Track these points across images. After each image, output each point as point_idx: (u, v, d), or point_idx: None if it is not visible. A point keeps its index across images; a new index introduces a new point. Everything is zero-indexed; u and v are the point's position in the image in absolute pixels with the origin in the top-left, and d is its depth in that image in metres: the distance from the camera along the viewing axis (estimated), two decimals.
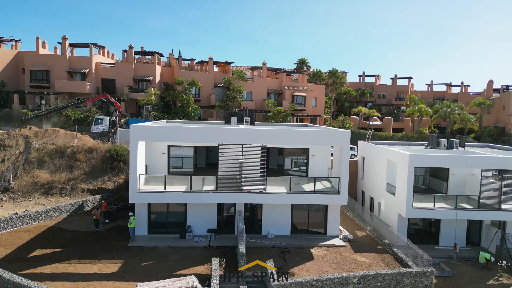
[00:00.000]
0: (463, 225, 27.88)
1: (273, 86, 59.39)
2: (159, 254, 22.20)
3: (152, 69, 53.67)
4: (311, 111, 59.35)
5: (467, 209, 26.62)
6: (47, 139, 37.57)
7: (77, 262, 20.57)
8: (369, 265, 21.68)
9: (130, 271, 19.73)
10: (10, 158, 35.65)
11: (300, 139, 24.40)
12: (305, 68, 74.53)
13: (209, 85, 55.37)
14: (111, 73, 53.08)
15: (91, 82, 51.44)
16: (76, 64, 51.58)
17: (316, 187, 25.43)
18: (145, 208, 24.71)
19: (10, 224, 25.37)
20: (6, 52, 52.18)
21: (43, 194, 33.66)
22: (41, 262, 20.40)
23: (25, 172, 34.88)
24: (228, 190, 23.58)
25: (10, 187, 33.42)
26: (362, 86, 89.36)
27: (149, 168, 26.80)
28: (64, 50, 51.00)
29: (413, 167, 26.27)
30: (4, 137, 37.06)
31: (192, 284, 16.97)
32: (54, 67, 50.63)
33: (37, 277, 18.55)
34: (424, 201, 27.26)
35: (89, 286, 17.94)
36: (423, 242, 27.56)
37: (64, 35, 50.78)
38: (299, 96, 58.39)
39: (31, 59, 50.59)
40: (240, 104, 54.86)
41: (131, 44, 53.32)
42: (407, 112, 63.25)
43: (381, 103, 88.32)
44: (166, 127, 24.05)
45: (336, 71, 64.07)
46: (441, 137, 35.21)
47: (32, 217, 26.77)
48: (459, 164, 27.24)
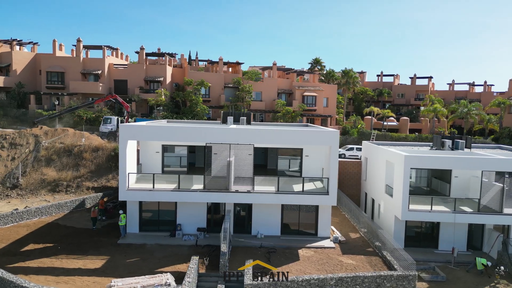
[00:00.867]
0: (464, 229, 26.88)
1: (283, 86, 59.14)
2: (145, 252, 22.55)
3: (163, 70, 54.54)
4: (322, 111, 58.69)
5: (467, 212, 25.65)
6: (55, 138, 38.86)
7: (64, 257, 21.19)
8: (354, 267, 21.25)
9: (113, 267, 20.14)
10: (20, 156, 37.11)
11: (288, 139, 24.20)
12: (319, 68, 73.78)
13: (219, 85, 55.72)
14: (123, 74, 54.30)
15: (104, 83, 52.82)
16: (90, 66, 53.10)
17: (309, 188, 25.21)
18: (136, 206, 25.15)
19: (10, 219, 26.41)
20: (24, 55, 54.34)
21: (50, 191, 34.86)
22: (30, 256, 21.13)
23: (33, 169, 36.21)
24: (216, 190, 23.68)
25: (18, 184, 34.78)
26: (380, 86, 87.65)
27: (144, 166, 27.27)
28: (78, 52, 52.61)
29: (409, 168, 25.61)
30: (15, 136, 38.62)
31: (166, 281, 17.14)
32: (68, 68, 52.32)
33: (23, 271, 19.26)
34: (422, 203, 26.50)
35: (69, 281, 18.43)
36: (422, 246, 26.89)
37: (78, 38, 52.40)
38: (310, 96, 57.85)
39: (47, 61, 52.48)
40: (249, 104, 54.94)
41: (143, 46, 54.43)
42: (422, 112, 61.52)
43: (399, 103, 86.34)
44: (153, 127, 24.40)
45: (349, 71, 63.06)
46: (457, 138, 33.93)
47: (33, 213, 27.75)
48: (457, 166, 26.30)
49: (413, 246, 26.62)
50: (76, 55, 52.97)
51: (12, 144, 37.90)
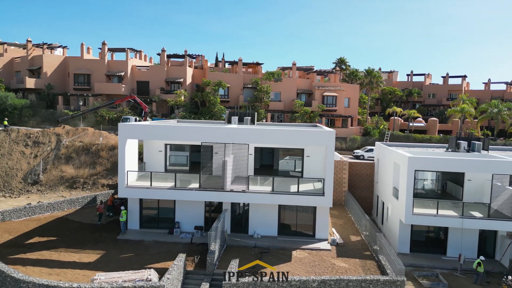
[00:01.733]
0: (474, 235, 25.56)
1: (303, 86, 58.60)
2: (141, 248, 23.12)
3: (183, 72, 55.63)
4: (342, 112, 57.60)
5: (476, 218, 24.39)
6: (75, 137, 40.65)
7: (63, 251, 22.13)
8: (345, 271, 20.74)
9: (105, 262, 20.81)
10: (42, 154, 39.13)
11: (282, 138, 24.00)
12: (344, 67, 72.43)
13: (238, 86, 56.07)
14: (145, 75, 55.90)
15: (127, 84, 54.63)
16: (114, 68, 55.10)
17: (308, 188, 24.89)
18: (137, 203, 25.84)
19: (23, 213, 27.93)
20: (54, 58, 57.22)
21: (67, 188, 36.53)
22: (32, 249, 22.25)
23: (53, 167, 38.07)
24: (212, 188, 23.89)
25: (39, 180, 36.70)
26: (410, 86, 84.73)
27: (147, 165, 27.98)
28: (103, 55, 54.75)
29: (413, 169, 24.66)
30: (39, 135, 40.76)
31: (147, 277, 17.51)
32: (94, 70, 54.56)
33: (22, 262, 20.35)
34: (429, 207, 25.49)
35: (61, 273, 19.24)
36: (429, 251, 25.84)
37: (103, 41, 54.56)
38: (330, 96, 56.94)
39: (75, 64, 55.00)
40: (267, 104, 54.89)
41: (164, 48, 55.73)
42: (448, 112, 58.91)
43: (430, 104, 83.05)
44: (149, 126, 24.99)
45: (372, 70, 61.40)
46: (474, 139, 32.29)
47: (45, 207, 29.19)
48: (464, 168, 25.05)
49: (419, 252, 25.69)
50: (101, 57, 55.09)
51: (35, 143, 40.04)
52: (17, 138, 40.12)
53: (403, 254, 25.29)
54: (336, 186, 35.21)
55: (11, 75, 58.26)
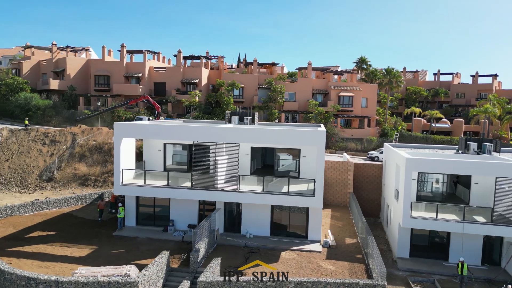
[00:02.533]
0: (478, 240, 24.37)
1: (318, 86, 57.88)
2: (133, 244, 23.61)
3: (198, 72, 56.36)
4: (359, 112, 56.42)
5: (478, 223, 23.27)
6: (89, 136, 42.10)
7: (58, 245, 22.96)
8: (331, 273, 20.31)
9: (95, 257, 21.42)
10: (58, 152, 40.80)
11: (271, 138, 23.81)
12: (365, 66, 70.90)
13: (253, 86, 56.16)
14: (162, 76, 57.10)
15: (144, 85, 56.01)
16: (132, 69, 56.65)
17: (302, 189, 24.57)
18: (134, 201, 26.43)
19: (31, 208, 29.23)
20: (77, 60, 59.55)
21: (79, 185, 37.89)
22: (30, 242, 23.24)
23: (67, 164, 39.59)
24: (203, 187, 24.07)
25: (53, 178, 38.27)
26: (436, 86, 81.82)
27: (147, 163, 28.55)
28: (122, 57, 56.41)
29: (411, 171, 23.92)
30: (56, 133, 42.52)
31: (125, 273, 17.86)
32: (113, 72, 56.34)
33: (17, 254, 21.30)
34: (430, 210, 24.52)
35: (50, 266, 19.99)
36: (430, 257, 24.89)
37: (122, 44, 56.20)
38: (346, 96, 55.91)
39: (95, 66, 57.03)
40: (281, 105, 54.64)
41: (180, 50, 56.70)
42: (471, 113, 56.40)
43: (458, 104, 79.81)
44: (142, 125, 25.52)
45: (392, 70, 59.75)
46: (486, 141, 30.80)
47: (52, 203, 30.40)
48: (467, 171, 23.93)
49: (420, 257, 24.81)
50: (120, 59, 56.78)
51: (52, 141, 41.80)
52: (36, 137, 42.04)
53: (402, 259, 24.54)
54: (341, 188, 34.57)
55: (38, 76, 61.13)
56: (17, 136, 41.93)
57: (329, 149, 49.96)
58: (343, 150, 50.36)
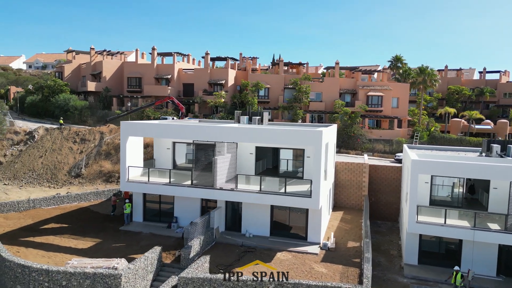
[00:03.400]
0: (493, 249, 22.73)
1: (346, 86, 56.50)
2: (135, 239, 24.46)
3: (225, 73, 57.11)
4: (389, 112, 54.36)
5: (490, 230, 21.75)
6: (115, 135, 44.06)
7: (66, 237, 24.32)
8: (321, 276, 19.86)
9: (95, 250, 22.45)
10: (86, 150, 43.11)
11: (268, 138, 23.64)
12: (400, 65, 68.15)
13: (279, 86, 55.96)
14: (191, 78, 58.50)
15: (173, 86, 57.72)
16: (162, 71, 58.59)
17: (303, 190, 24.19)
18: (141, 198, 27.35)
19: (52, 202, 31.15)
20: (113, 63, 62.56)
21: (104, 182, 39.78)
22: (42, 233, 24.80)
23: (94, 162, 41.72)
24: (202, 186, 24.42)
25: (81, 174, 40.49)
26: (482, 84, 76.90)
27: (157, 161, 29.47)
28: (153, 59, 58.52)
29: (417, 173, 22.87)
30: (86, 132, 44.97)
31: (114, 266, 18.56)
32: (145, 74, 58.59)
33: (26, 244, 22.84)
34: (440, 215, 23.22)
35: (52, 256, 21.25)
36: (440, 265, 23.59)
37: (153, 46, 58.35)
38: (375, 96, 54.09)
39: (128, 68, 59.63)
40: (307, 105, 53.98)
41: (208, 51, 57.81)
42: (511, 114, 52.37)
43: (506, 104, 74.45)
44: (147, 124, 26.35)
45: (426, 68, 56.87)
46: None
47: (73, 198, 32.21)
48: (478, 175, 22.44)
49: (429, 264, 23.62)
50: (151, 62, 58.93)
51: (82, 139, 44.25)
52: (68, 136, 44.71)
53: (410, 266, 23.48)
54: (355, 190, 33.56)
55: (78, 79, 64.94)
56: (51, 135, 44.83)
57: (355, 151, 48.63)
58: (370, 152, 48.81)
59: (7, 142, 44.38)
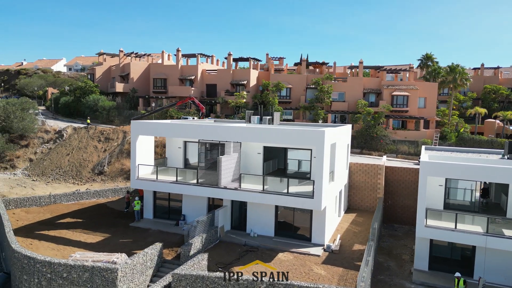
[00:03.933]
0: (509, 257, 21.48)
1: (370, 85, 55.15)
2: (142, 235, 25.08)
3: (247, 74, 57.36)
4: (416, 113, 52.53)
5: (504, 237, 20.62)
6: None
7: (79, 231, 25.33)
8: (319, 278, 19.53)
9: (103, 245, 23.23)
10: (110, 149, 44.70)
11: (273, 138, 23.48)
12: (430, 64, 65.67)
13: (301, 86, 55.55)
14: (214, 78, 59.25)
15: (197, 87, 58.67)
16: (186, 72, 59.71)
17: (308, 190, 23.92)
18: (151, 195, 28.03)
19: (72, 198, 32.55)
20: (140, 65, 64.49)
21: (125, 179, 41.10)
22: (57, 227, 25.97)
23: (117, 160, 43.21)
24: (207, 184, 24.68)
25: (103, 171, 42.06)
26: None
27: (169, 160, 30.11)
28: (177, 61, 59.79)
29: (426, 176, 22.05)
30: (110, 131, 46.63)
31: (113, 260, 19.15)
32: (170, 75, 59.96)
33: (39, 236, 24.00)
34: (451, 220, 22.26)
35: (61, 249, 22.21)
36: (452, 271, 22.45)
37: (178, 48, 59.65)
38: (400, 96, 52.45)
39: (154, 70, 61.23)
40: (329, 105, 53.21)
41: (230, 52, 58.31)
42: None
43: None
44: (155, 123, 26.95)
45: (456, 66, 54.47)
46: None
47: (91, 194, 33.51)
48: (493, 178, 21.48)
49: (440, 270, 22.70)
50: (176, 63, 60.21)
51: (106, 138, 45.93)
52: (93, 134, 46.56)
53: (419, 271, 22.68)
54: (370, 192, 32.69)
55: (108, 80, 67.45)
56: (78, 134, 46.87)
57: (378, 152, 47.41)
58: (394, 153, 47.42)
59: (38, 140, 46.85)
